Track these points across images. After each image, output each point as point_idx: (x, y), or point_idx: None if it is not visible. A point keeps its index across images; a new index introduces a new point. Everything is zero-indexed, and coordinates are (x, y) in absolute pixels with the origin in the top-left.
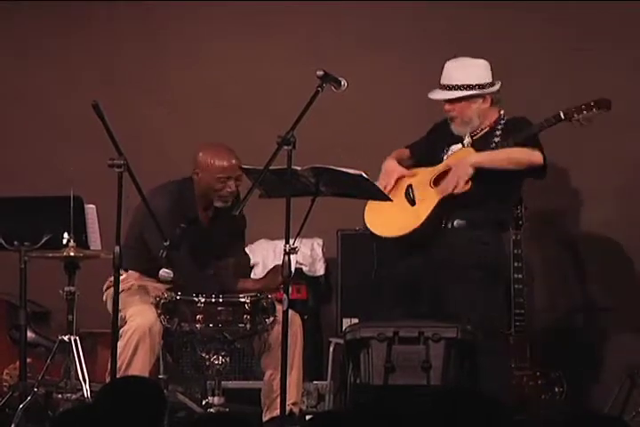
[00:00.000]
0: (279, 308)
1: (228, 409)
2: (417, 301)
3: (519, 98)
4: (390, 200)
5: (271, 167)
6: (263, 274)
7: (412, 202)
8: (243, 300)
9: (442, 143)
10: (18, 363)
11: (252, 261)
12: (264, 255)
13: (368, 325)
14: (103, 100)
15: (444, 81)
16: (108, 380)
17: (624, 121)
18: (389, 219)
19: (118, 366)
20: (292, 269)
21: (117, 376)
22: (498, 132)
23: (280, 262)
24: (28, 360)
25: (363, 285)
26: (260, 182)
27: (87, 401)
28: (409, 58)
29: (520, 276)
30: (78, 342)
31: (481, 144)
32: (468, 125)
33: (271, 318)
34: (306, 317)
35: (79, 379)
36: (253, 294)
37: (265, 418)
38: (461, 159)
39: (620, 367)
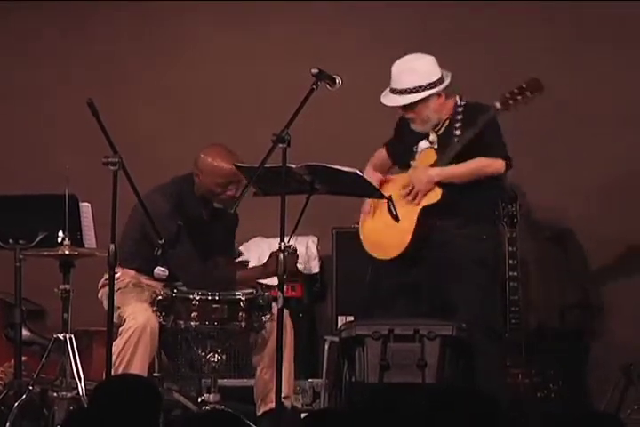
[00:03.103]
0: (274, 304)
1: (223, 407)
2: (417, 301)
3: None
4: (385, 198)
5: (266, 165)
6: None
7: (396, 217)
8: (238, 297)
9: (410, 141)
10: (13, 361)
11: (244, 258)
12: (259, 253)
13: (363, 323)
14: (98, 99)
15: (394, 85)
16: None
17: (624, 121)
18: (382, 240)
19: (117, 365)
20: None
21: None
22: (457, 123)
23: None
24: (24, 358)
25: (358, 283)
26: (254, 180)
27: (82, 399)
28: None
29: (515, 273)
30: (73, 340)
31: (445, 138)
32: (428, 123)
33: (267, 316)
34: (301, 315)
35: (74, 377)
36: (250, 291)
37: (259, 412)
38: (421, 173)
39: (616, 365)
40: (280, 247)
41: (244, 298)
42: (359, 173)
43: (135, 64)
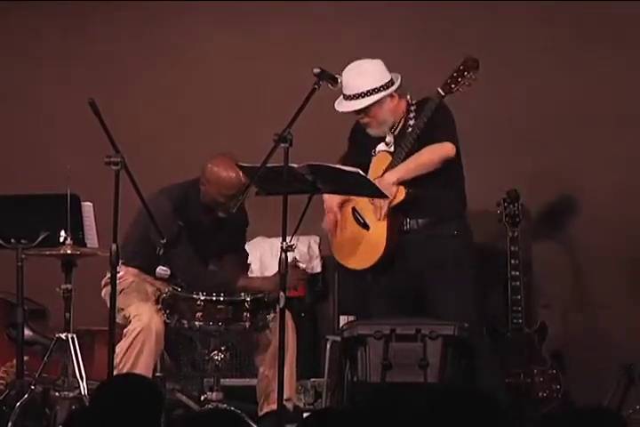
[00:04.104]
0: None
1: (226, 405)
2: (398, 306)
3: (519, 97)
4: (387, 197)
5: (268, 165)
6: (259, 272)
7: (365, 225)
8: (243, 298)
9: (368, 146)
10: (15, 361)
11: (249, 259)
12: (261, 253)
13: (365, 322)
14: (98, 99)
15: (346, 91)
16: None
17: (624, 121)
18: (356, 251)
19: (122, 366)
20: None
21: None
22: (411, 121)
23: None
24: (26, 358)
25: (359, 282)
26: (256, 180)
27: (84, 399)
28: (408, 56)
29: (517, 273)
30: (75, 339)
31: (402, 138)
32: (384, 125)
33: (272, 315)
34: (303, 314)
35: (76, 377)
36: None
37: (261, 413)
38: (380, 182)
39: (617, 365)
40: (281, 248)
41: (248, 298)
42: (361, 172)
43: (135, 64)
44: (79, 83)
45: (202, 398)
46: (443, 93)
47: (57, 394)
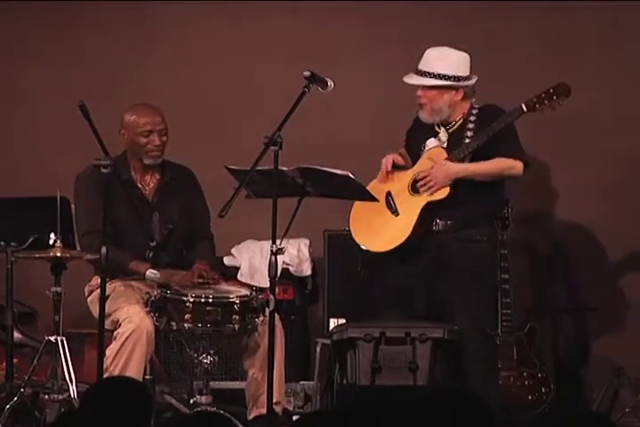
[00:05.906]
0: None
1: (215, 408)
2: (410, 303)
3: (518, 98)
4: (377, 201)
5: (258, 168)
6: (249, 275)
7: (395, 211)
8: (232, 300)
9: (419, 140)
10: (4, 363)
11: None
12: (251, 256)
13: (355, 325)
14: (91, 100)
15: (421, 67)
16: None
17: (624, 121)
18: (377, 232)
19: (113, 369)
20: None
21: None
22: (471, 125)
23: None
24: (15, 361)
25: (350, 285)
26: (246, 183)
27: (74, 402)
28: (401, 58)
29: (507, 276)
30: (65, 342)
31: (456, 138)
32: (437, 115)
33: (261, 318)
34: (292, 317)
35: (66, 380)
36: (243, 293)
37: (250, 417)
38: (442, 166)
39: (607, 368)
40: (271, 251)
41: (237, 301)
42: (351, 175)
43: (128, 66)
44: (69, 84)
45: (191, 401)
46: (525, 110)
47: (46, 397)
